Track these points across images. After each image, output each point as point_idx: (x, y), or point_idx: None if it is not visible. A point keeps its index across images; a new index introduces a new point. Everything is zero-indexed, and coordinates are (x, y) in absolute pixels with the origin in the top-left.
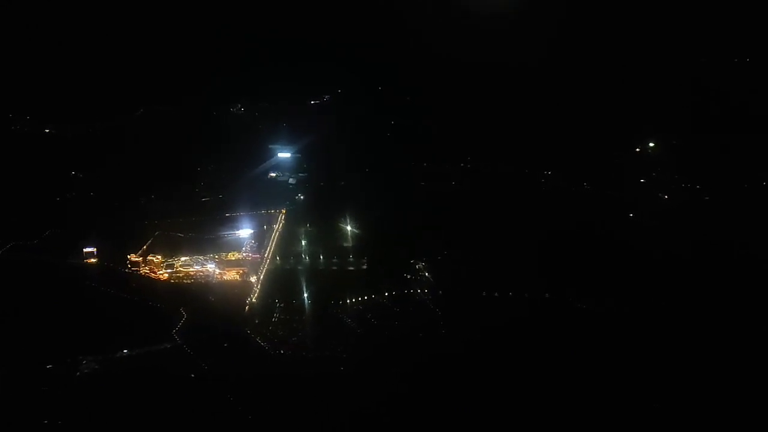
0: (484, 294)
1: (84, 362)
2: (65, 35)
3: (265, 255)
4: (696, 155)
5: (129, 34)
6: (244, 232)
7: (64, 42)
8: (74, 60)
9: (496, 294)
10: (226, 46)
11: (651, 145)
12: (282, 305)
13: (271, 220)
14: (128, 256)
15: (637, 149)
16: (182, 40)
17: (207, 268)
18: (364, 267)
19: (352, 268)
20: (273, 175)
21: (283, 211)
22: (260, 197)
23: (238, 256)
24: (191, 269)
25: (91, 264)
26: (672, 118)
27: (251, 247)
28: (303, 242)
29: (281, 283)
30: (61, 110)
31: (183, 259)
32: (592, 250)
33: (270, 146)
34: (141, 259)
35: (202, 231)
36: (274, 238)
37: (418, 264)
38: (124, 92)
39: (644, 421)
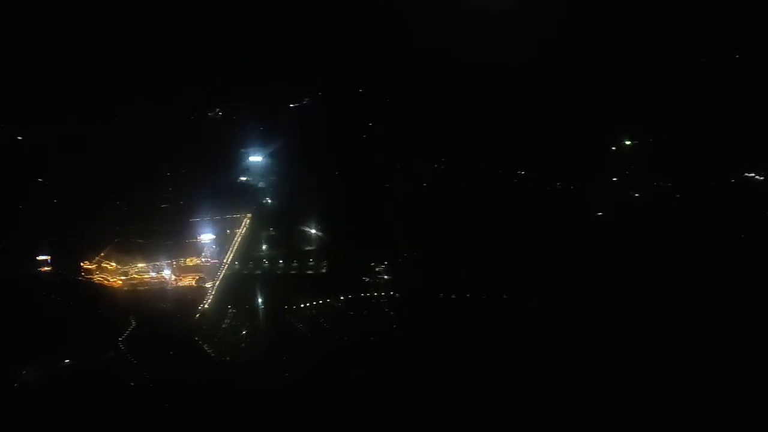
0: (441, 296)
1: (24, 372)
2: (31, 40)
3: (225, 260)
4: (670, 154)
5: (102, 38)
6: (206, 237)
7: (30, 46)
8: (42, 63)
9: (453, 296)
10: (205, 49)
11: (627, 143)
12: (234, 311)
13: (235, 225)
14: (81, 264)
15: (613, 148)
16: (159, 44)
17: (162, 274)
18: (324, 271)
19: (311, 272)
20: (243, 179)
21: (249, 216)
22: (227, 201)
23: (197, 262)
24: (146, 276)
25: (45, 272)
26: (648, 116)
27: (211, 252)
28: (264, 247)
29: (237, 288)
30: (26, 114)
31: (139, 265)
32: (556, 250)
33: (242, 150)
34: (95, 266)
35: (163, 236)
36: (235, 242)
37: (378, 267)
38: (96, 96)
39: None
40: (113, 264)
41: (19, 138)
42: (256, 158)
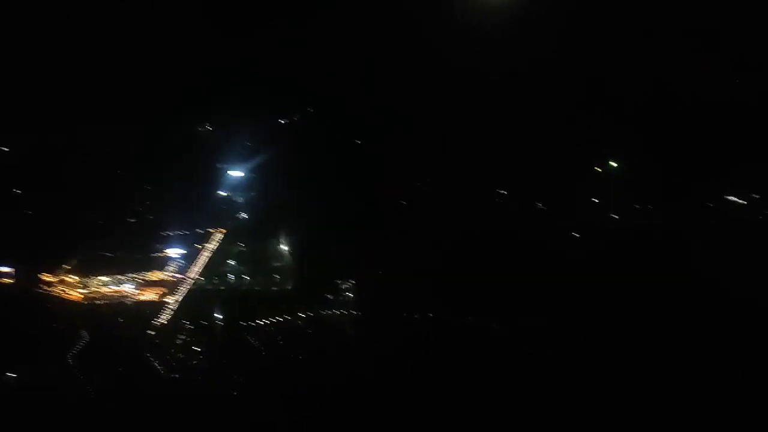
0: (404, 315)
1: None
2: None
3: (190, 275)
4: (653, 175)
5: (88, 36)
6: (175, 251)
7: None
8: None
9: (416, 316)
10: (194, 60)
11: (613, 165)
12: (192, 327)
13: (206, 240)
14: (41, 276)
15: (598, 169)
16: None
17: (124, 288)
18: (289, 287)
19: (275, 288)
20: (222, 193)
21: (222, 231)
22: (203, 216)
23: (161, 276)
24: (107, 289)
25: (4, 284)
26: (634, 135)
27: (178, 267)
28: (232, 262)
29: (198, 304)
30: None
31: (102, 279)
32: (527, 271)
33: (222, 165)
34: (57, 279)
35: (131, 250)
36: (203, 257)
37: (344, 284)
38: (72, 102)
39: None
40: (75, 277)
41: None
42: (237, 173)
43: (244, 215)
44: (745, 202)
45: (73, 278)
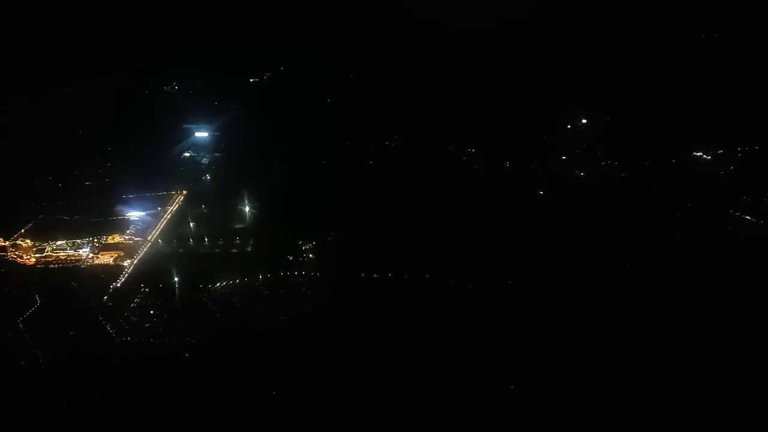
0: (362, 275)
1: None
2: None
3: (149, 238)
4: (620, 133)
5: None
6: (135, 214)
7: None
8: None
9: (375, 275)
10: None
11: (583, 121)
12: (147, 290)
13: (168, 202)
14: None
15: (568, 126)
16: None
17: (80, 252)
18: (249, 249)
19: (235, 251)
20: (187, 154)
21: (184, 192)
22: (166, 177)
23: (120, 240)
24: (63, 253)
25: None
26: (601, 96)
27: (137, 229)
28: (193, 224)
29: (155, 267)
30: None
31: (58, 243)
32: (487, 229)
33: (187, 126)
34: (8, 243)
35: (90, 213)
36: (164, 220)
37: (305, 245)
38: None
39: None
40: (28, 241)
41: None
42: (202, 133)
43: (207, 177)
44: (709, 158)
45: (26, 242)
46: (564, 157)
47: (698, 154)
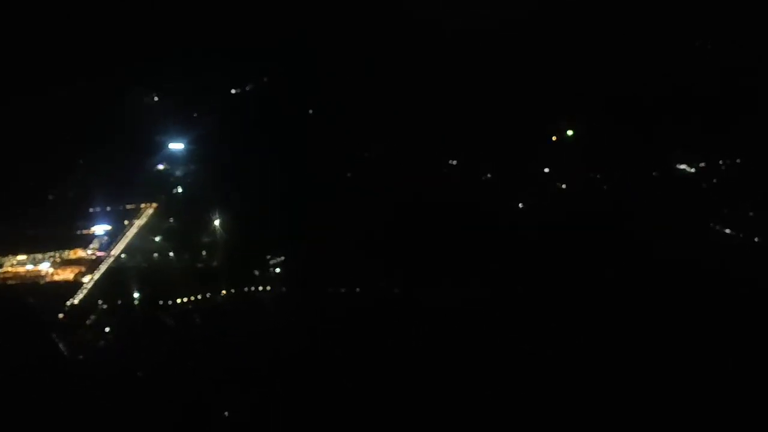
0: (329, 291)
1: None
2: None
3: (112, 252)
4: (604, 144)
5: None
6: (100, 228)
7: None
8: None
9: (342, 290)
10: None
11: (569, 133)
12: (105, 307)
13: (136, 215)
14: None
15: (554, 137)
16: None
17: (39, 267)
18: (215, 264)
19: (200, 265)
20: (160, 167)
21: (153, 206)
22: (136, 190)
23: (82, 254)
24: (22, 269)
25: None
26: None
27: (101, 243)
28: (159, 238)
29: (116, 282)
30: None
31: (18, 258)
32: (463, 242)
33: (163, 137)
34: None
35: (54, 227)
36: (129, 234)
37: (273, 260)
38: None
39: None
40: None
41: None
42: (177, 145)
43: (179, 189)
44: (693, 170)
45: None
46: (546, 170)
47: (682, 167)
